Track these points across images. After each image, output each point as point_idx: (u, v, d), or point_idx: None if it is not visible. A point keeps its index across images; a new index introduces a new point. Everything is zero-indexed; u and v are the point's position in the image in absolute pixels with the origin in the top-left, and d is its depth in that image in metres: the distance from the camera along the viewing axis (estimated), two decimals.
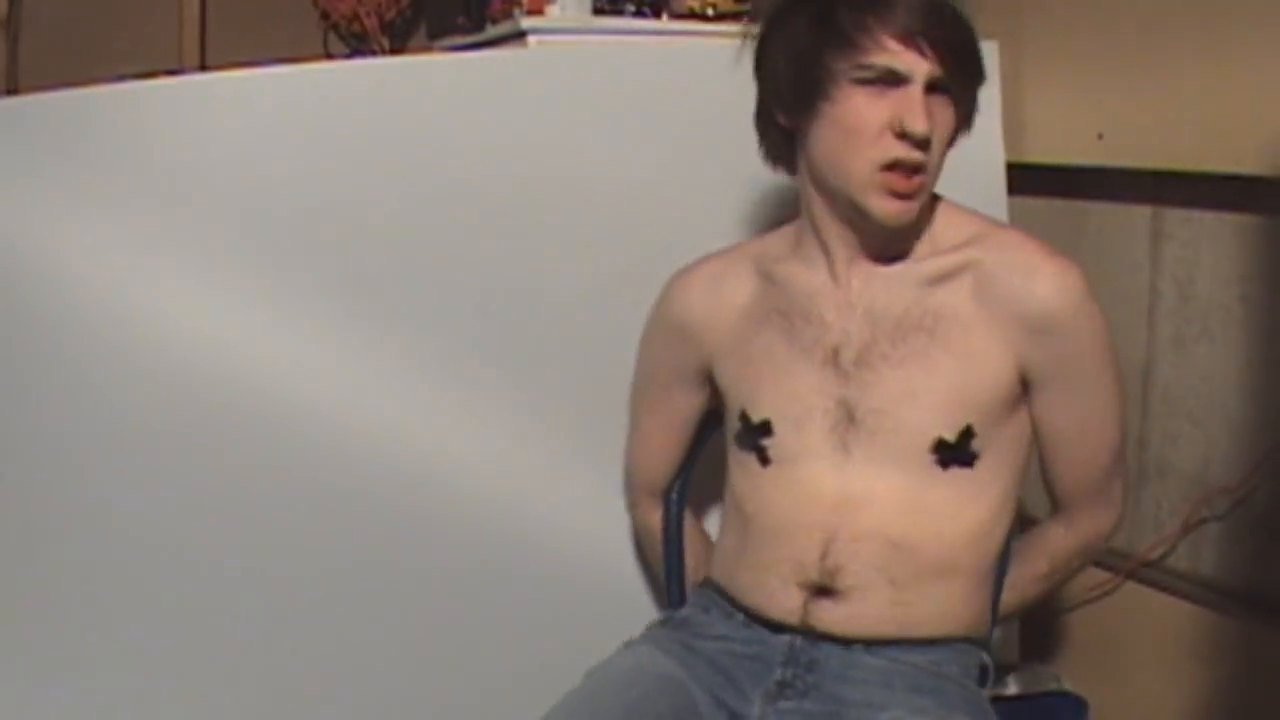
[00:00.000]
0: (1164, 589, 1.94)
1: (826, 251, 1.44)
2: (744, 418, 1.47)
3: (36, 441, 1.61)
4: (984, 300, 1.39)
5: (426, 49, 2.52)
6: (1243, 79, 1.72)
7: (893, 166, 1.33)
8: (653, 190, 1.73)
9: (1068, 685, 1.85)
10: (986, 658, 1.47)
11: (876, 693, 1.38)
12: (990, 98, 1.88)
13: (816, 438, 1.42)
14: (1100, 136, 1.93)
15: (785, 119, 1.41)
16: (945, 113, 1.35)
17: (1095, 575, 2.04)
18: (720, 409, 1.57)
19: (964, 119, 1.40)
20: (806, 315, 1.44)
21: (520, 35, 1.95)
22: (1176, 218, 1.93)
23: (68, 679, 1.63)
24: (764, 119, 1.45)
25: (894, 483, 1.39)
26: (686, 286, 1.56)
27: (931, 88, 1.33)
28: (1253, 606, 1.83)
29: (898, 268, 1.41)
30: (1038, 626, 2.10)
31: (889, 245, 1.42)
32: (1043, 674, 1.89)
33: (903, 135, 1.32)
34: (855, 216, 1.39)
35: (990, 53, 1.89)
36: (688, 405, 1.60)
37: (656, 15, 2.08)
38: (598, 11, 2.06)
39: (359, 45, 2.64)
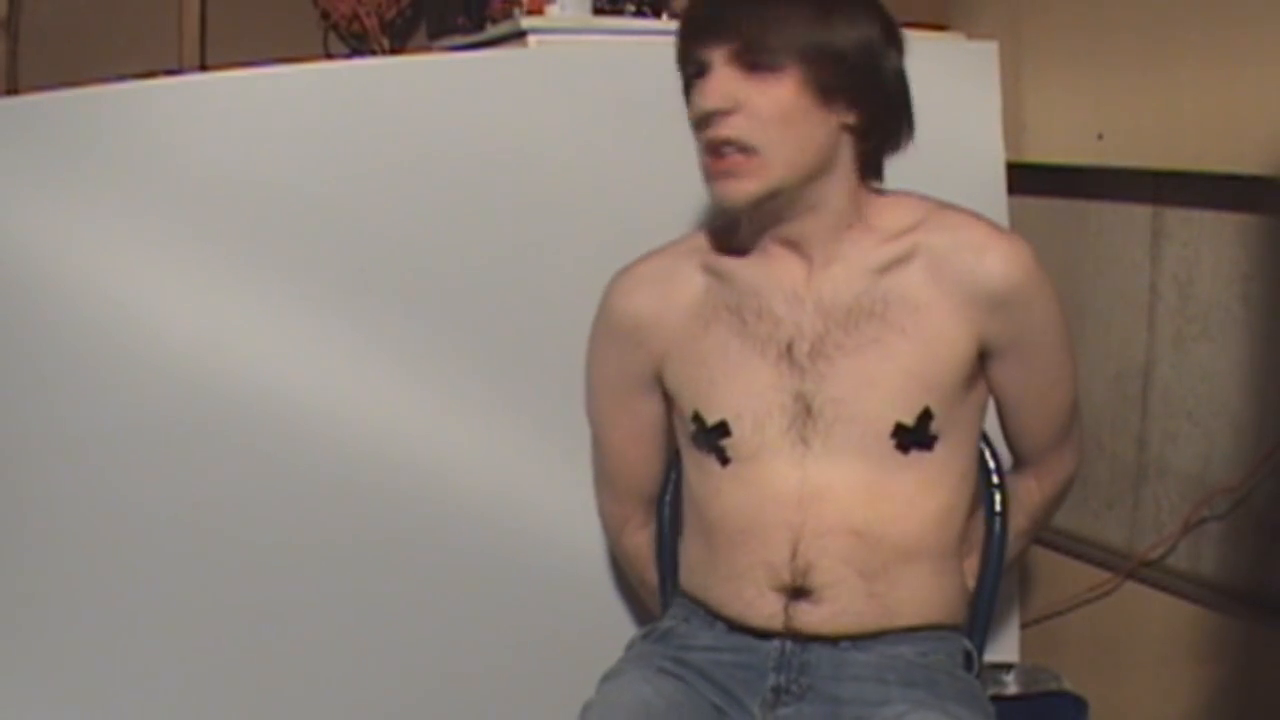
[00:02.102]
0: (1164, 589, 1.94)
1: (767, 249, 1.43)
2: (698, 419, 1.45)
3: (37, 440, 1.61)
4: (938, 282, 1.39)
5: (426, 49, 2.52)
6: (1243, 79, 1.72)
7: (710, 151, 1.37)
8: (653, 190, 1.73)
9: (1068, 685, 1.84)
10: (969, 644, 1.48)
11: (871, 689, 1.39)
12: (990, 98, 1.90)
13: (775, 434, 1.41)
14: (1100, 136, 1.94)
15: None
16: (765, 87, 1.34)
17: (1095, 575, 2.04)
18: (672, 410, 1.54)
19: (812, 89, 1.35)
20: (758, 311, 1.43)
21: (520, 35, 1.95)
22: (1176, 218, 1.94)
23: (69, 676, 1.63)
24: None
25: (855, 472, 1.40)
26: (631, 287, 1.52)
27: (743, 66, 1.34)
28: (1253, 606, 1.83)
29: (843, 258, 1.41)
30: (1038, 627, 2.10)
31: (820, 239, 1.41)
32: (1043, 674, 1.89)
33: (698, 118, 1.37)
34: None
35: (990, 53, 1.91)
36: (653, 410, 1.56)
37: (656, 15, 2.08)
38: (598, 11, 2.06)
39: (359, 45, 2.64)
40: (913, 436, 1.40)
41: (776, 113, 1.34)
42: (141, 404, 1.61)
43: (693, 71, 1.38)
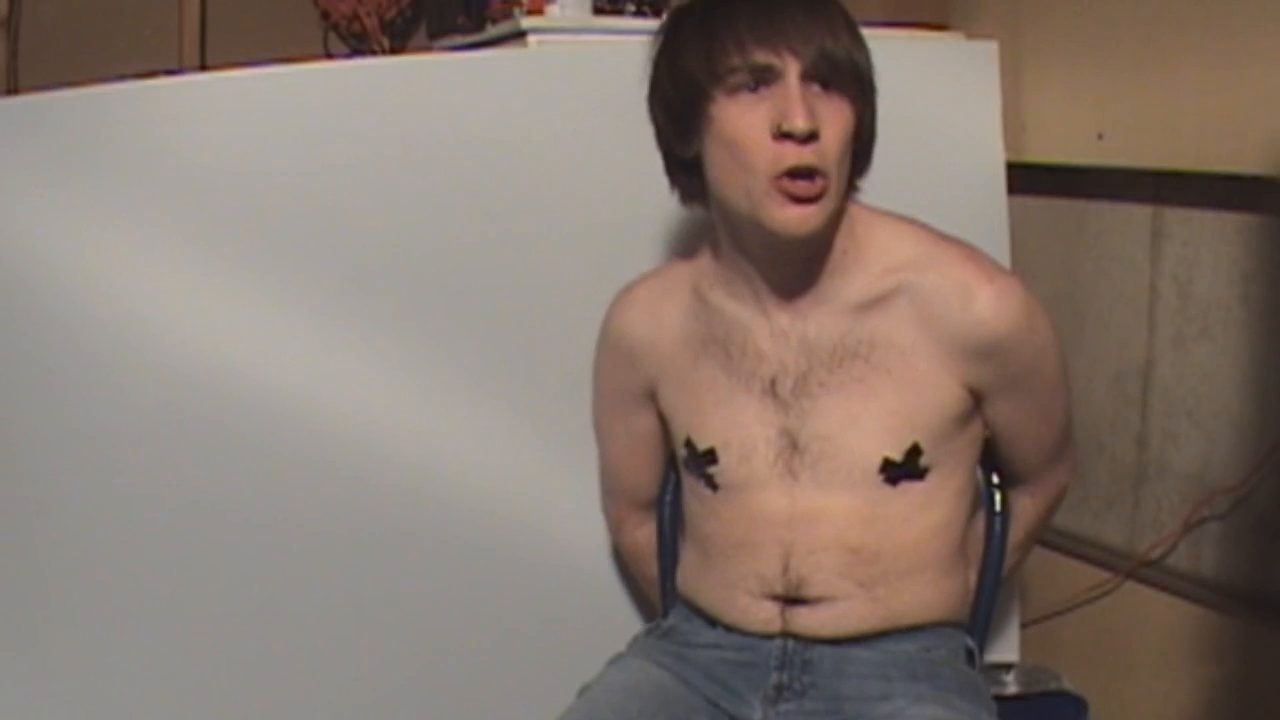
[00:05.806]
0: (1164, 589, 1.94)
1: (751, 283, 1.40)
2: (689, 445, 1.46)
3: (38, 440, 1.61)
4: (924, 324, 1.36)
5: (426, 49, 2.53)
6: (1243, 79, 1.72)
7: (786, 174, 1.27)
8: (653, 190, 1.72)
9: (1068, 685, 1.84)
10: (970, 641, 1.48)
11: (874, 684, 1.39)
12: (990, 98, 1.89)
13: (762, 466, 1.41)
14: (1100, 136, 1.93)
15: (680, 149, 1.36)
16: (837, 110, 1.28)
17: (1095, 575, 2.04)
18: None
19: (862, 121, 1.31)
20: (742, 347, 1.42)
21: (520, 35, 1.95)
22: (1176, 218, 1.93)
23: (70, 674, 1.63)
24: (667, 158, 1.41)
25: (845, 501, 1.39)
26: (627, 307, 1.53)
27: (813, 82, 1.27)
28: (1253, 606, 1.83)
29: (827, 295, 1.38)
30: (1038, 627, 2.10)
31: (809, 273, 1.38)
32: (1043, 674, 1.89)
33: (784, 135, 1.25)
34: (764, 240, 1.33)
35: (990, 53, 1.91)
36: (648, 423, 1.56)
37: (656, 15, 2.08)
38: (598, 11, 2.06)
39: (359, 45, 2.64)
40: (901, 470, 1.39)
41: (843, 140, 1.28)
42: (142, 402, 1.61)
43: (742, 81, 1.26)
